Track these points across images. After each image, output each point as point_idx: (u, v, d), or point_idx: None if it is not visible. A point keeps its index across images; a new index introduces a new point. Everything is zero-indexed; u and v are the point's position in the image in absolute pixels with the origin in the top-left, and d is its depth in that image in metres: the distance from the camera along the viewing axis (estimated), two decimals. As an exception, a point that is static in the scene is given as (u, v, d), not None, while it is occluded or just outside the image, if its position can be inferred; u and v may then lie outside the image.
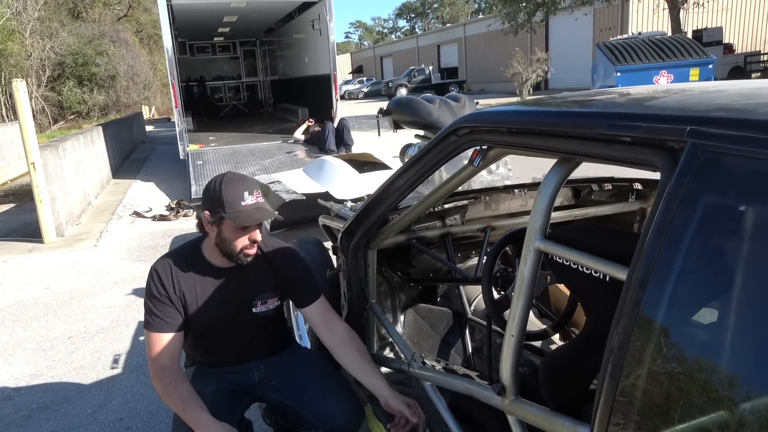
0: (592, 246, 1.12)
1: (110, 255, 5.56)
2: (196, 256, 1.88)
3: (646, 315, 0.79)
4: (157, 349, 1.80)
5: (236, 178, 1.83)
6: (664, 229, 0.81)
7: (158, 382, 1.78)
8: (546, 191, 1.23)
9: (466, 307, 2.66)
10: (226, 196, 1.75)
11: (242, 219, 1.76)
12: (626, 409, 0.80)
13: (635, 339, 0.80)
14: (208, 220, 1.79)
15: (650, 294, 0.79)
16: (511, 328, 1.28)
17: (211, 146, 9.96)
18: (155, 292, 1.80)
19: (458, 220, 2.49)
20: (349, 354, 1.94)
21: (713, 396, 0.74)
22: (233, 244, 1.79)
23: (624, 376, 0.80)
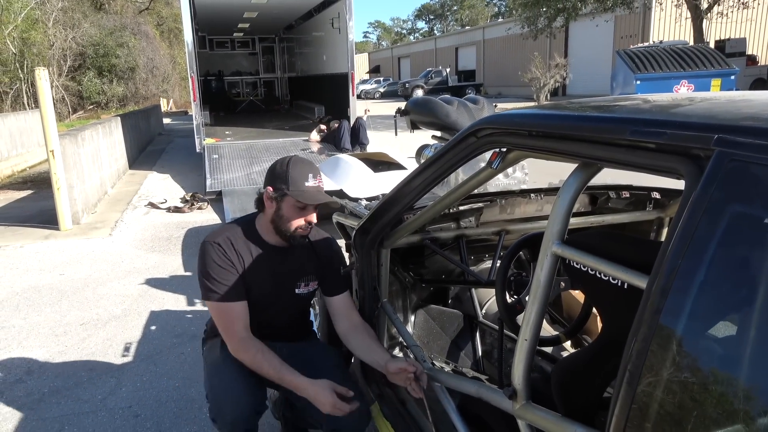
0: (611, 252, 1.12)
1: (124, 244, 5.61)
2: (251, 231, 1.94)
3: (666, 324, 0.78)
4: (230, 320, 1.85)
5: (303, 160, 1.93)
6: (687, 237, 0.80)
7: (244, 354, 1.83)
8: (565, 196, 1.22)
9: (477, 310, 2.66)
10: (292, 174, 1.84)
11: (305, 197, 1.85)
12: (642, 417, 0.79)
13: (654, 347, 0.79)
14: (270, 196, 1.86)
15: (671, 303, 0.78)
16: (525, 332, 1.28)
17: (227, 140, 10.03)
18: (219, 261, 1.84)
19: (473, 223, 2.48)
20: (360, 337, 2.01)
21: (731, 409, 0.73)
22: (290, 222, 1.87)
23: (641, 384, 0.79)
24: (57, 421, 2.66)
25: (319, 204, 1.90)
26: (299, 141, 9.78)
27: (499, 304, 1.70)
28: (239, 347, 1.84)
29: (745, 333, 0.74)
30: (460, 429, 1.73)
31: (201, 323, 3.65)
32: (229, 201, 6.85)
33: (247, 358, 1.82)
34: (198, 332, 3.52)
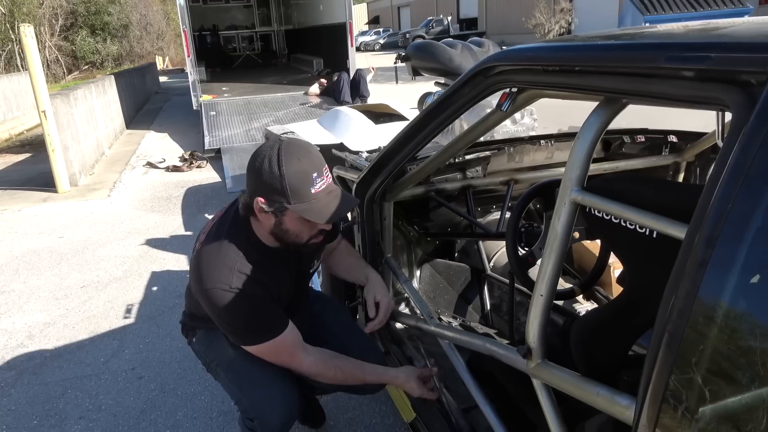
0: (638, 198, 1.00)
1: (124, 205, 5.52)
2: (253, 246, 1.52)
3: (715, 278, 0.67)
4: (292, 350, 1.57)
5: (297, 151, 1.38)
6: (739, 177, 0.68)
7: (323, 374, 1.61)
8: (586, 137, 1.10)
9: (485, 263, 2.57)
10: (291, 182, 1.35)
11: (316, 214, 1.39)
12: (686, 382, 0.69)
13: (700, 305, 0.68)
14: (263, 209, 1.40)
15: (720, 254, 0.67)
16: (540, 287, 1.18)
17: (224, 97, 9.80)
18: (253, 302, 1.47)
19: (480, 173, 2.36)
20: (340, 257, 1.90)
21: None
22: (299, 236, 1.48)
23: (685, 346, 0.69)
24: (60, 385, 2.62)
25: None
26: (298, 95, 9.54)
27: (510, 257, 1.60)
28: (309, 370, 1.60)
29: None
30: (470, 387, 1.66)
31: (203, 283, 3.59)
32: (229, 158, 6.72)
33: (322, 375, 1.61)
34: (200, 292, 3.46)
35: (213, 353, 1.74)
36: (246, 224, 1.52)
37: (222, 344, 1.68)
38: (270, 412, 1.63)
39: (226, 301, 1.44)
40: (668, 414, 0.72)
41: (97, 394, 2.54)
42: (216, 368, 1.74)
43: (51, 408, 2.46)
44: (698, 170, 2.49)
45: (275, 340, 1.51)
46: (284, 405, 1.64)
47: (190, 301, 1.77)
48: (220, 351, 1.71)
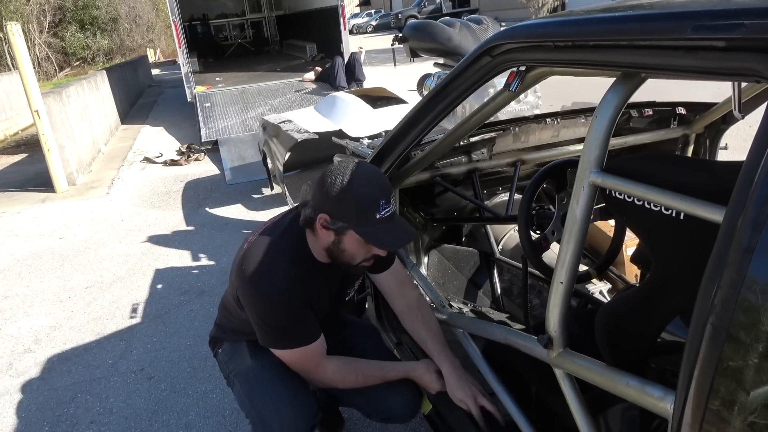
0: (664, 178, 0.95)
1: (123, 202, 5.47)
2: (303, 254, 1.54)
3: (764, 264, 0.62)
4: (317, 360, 1.57)
5: (370, 176, 1.40)
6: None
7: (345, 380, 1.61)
8: (604, 115, 1.04)
9: (493, 246, 2.52)
10: (359, 204, 1.37)
11: (380, 241, 1.41)
12: (735, 378, 0.65)
13: (746, 295, 0.63)
14: (327, 226, 1.42)
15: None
16: (560, 274, 1.13)
17: (218, 87, 9.68)
18: (293, 302, 1.48)
19: (485, 155, 2.31)
20: (414, 322, 1.75)
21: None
22: (353, 257, 1.48)
23: (731, 339, 0.64)
24: (69, 389, 2.60)
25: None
26: (293, 82, 9.43)
27: (523, 241, 1.55)
28: (331, 380, 1.60)
29: None
30: (487, 376, 1.62)
31: (208, 278, 3.56)
32: (227, 150, 6.65)
33: (344, 381, 1.61)
34: (205, 288, 3.43)
35: (233, 364, 1.72)
36: (301, 235, 1.53)
37: (244, 356, 1.69)
38: (278, 428, 1.58)
39: (269, 298, 1.46)
40: (715, 410, 0.68)
41: (107, 396, 2.51)
42: (233, 379, 1.72)
43: (62, 413, 2.44)
44: (708, 142, 2.43)
45: (306, 347, 1.51)
46: (294, 424, 1.59)
47: (222, 314, 1.79)
48: (240, 362, 1.70)
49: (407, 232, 1.50)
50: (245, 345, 1.71)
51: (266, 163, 4.95)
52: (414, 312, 1.75)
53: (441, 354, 1.66)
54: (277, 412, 1.58)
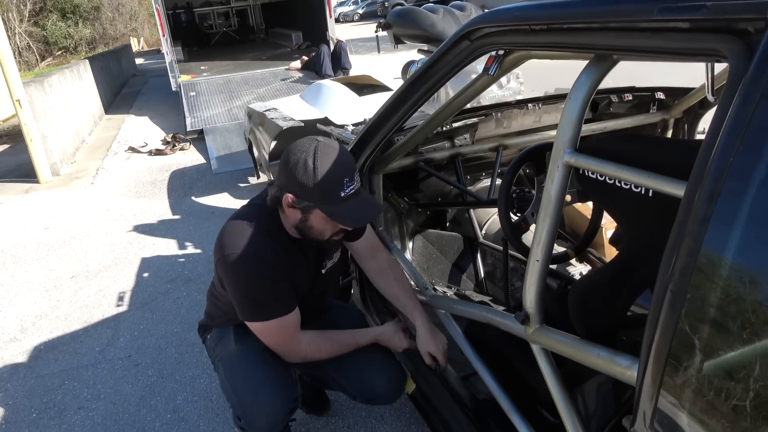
0: (632, 157, 0.98)
1: (108, 192, 5.44)
2: (278, 230, 1.56)
3: (718, 234, 0.65)
4: (291, 333, 1.59)
5: (332, 154, 1.40)
6: (739, 130, 0.66)
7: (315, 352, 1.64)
8: (577, 96, 1.07)
9: (477, 231, 2.56)
10: (322, 182, 1.38)
11: (345, 218, 1.44)
12: (689, 342, 0.68)
13: (703, 262, 0.67)
14: (292, 205, 1.45)
15: (722, 209, 0.66)
16: (536, 252, 1.16)
17: (203, 76, 9.60)
18: (271, 273, 1.49)
19: (468, 140, 2.34)
20: (386, 282, 1.81)
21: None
22: (322, 234, 1.51)
23: (688, 305, 0.68)
24: (56, 376, 2.60)
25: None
26: (279, 71, 9.37)
27: (503, 223, 1.59)
28: (306, 351, 1.63)
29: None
30: (468, 355, 1.66)
31: (194, 266, 3.57)
32: (212, 139, 6.62)
33: (319, 350, 1.64)
34: (192, 275, 3.44)
35: (219, 349, 1.76)
36: (273, 211, 1.56)
37: (229, 341, 1.73)
38: (256, 413, 1.62)
39: (245, 267, 1.47)
40: (673, 373, 0.72)
41: (95, 383, 2.53)
42: (218, 363, 1.75)
43: (49, 400, 2.45)
44: (686, 126, 2.47)
45: (282, 319, 1.53)
46: (271, 408, 1.62)
47: (211, 301, 1.82)
48: (225, 347, 1.73)
49: (373, 208, 1.55)
50: (232, 331, 1.74)
51: (252, 151, 4.94)
52: (386, 272, 1.81)
53: (414, 309, 1.72)
54: (256, 396, 1.62)
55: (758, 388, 0.64)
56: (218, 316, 1.78)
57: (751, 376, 0.64)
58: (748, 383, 0.65)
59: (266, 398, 1.62)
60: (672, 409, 0.71)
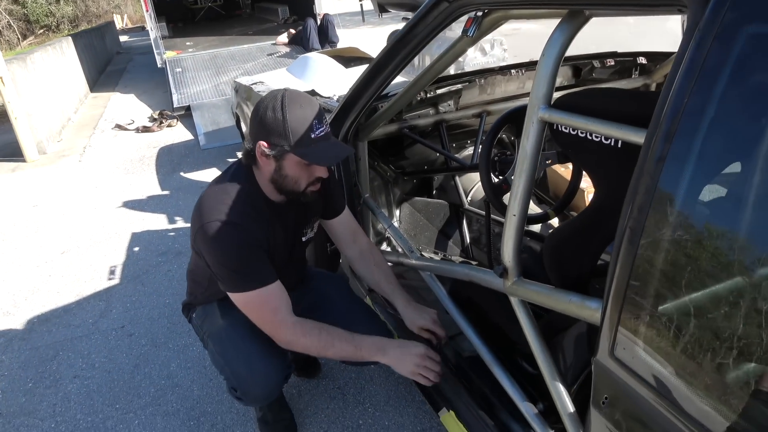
0: (602, 110, 1.01)
1: (96, 170, 5.41)
2: (255, 193, 1.55)
3: (672, 172, 0.69)
4: (276, 305, 1.52)
5: (299, 99, 1.44)
6: (694, 72, 0.69)
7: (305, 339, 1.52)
8: (550, 53, 1.10)
9: (462, 197, 2.60)
10: (292, 125, 1.40)
11: (317, 157, 1.45)
12: (645, 276, 0.73)
13: (658, 200, 0.71)
14: (265, 153, 1.45)
15: (677, 148, 0.69)
16: (513, 207, 1.20)
17: (189, 52, 9.46)
18: (248, 241, 1.48)
19: (452, 107, 2.36)
20: (367, 268, 1.82)
21: (744, 261, 0.66)
22: (297, 182, 1.51)
23: (644, 240, 0.72)
24: (51, 347, 2.64)
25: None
26: (265, 46, 9.25)
27: (484, 184, 1.62)
28: (295, 333, 1.52)
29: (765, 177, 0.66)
30: (453, 314, 1.72)
31: (185, 240, 3.59)
32: (199, 115, 6.57)
33: (312, 344, 1.53)
34: (182, 249, 3.46)
35: (207, 326, 1.77)
36: (249, 176, 1.56)
37: (215, 317, 1.73)
38: (252, 383, 1.65)
39: (222, 234, 1.45)
40: (631, 310, 0.76)
41: (89, 353, 2.57)
42: (207, 340, 1.76)
43: (44, 370, 2.49)
44: (668, 91, 2.51)
45: (263, 290, 1.50)
46: (266, 377, 1.66)
47: (191, 279, 1.83)
48: (212, 323, 1.74)
49: (343, 148, 1.57)
50: (216, 306, 1.75)
51: (240, 126, 4.92)
52: (366, 257, 1.82)
53: (394, 291, 1.75)
54: (250, 367, 1.64)
55: (709, 321, 0.68)
56: (200, 293, 1.79)
57: (709, 314, 0.69)
58: (700, 316, 0.70)
59: (260, 368, 1.64)
60: (630, 338, 0.76)
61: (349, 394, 2.18)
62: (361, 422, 2.06)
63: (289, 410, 2.04)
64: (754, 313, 0.63)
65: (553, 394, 1.21)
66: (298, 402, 2.16)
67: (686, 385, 0.70)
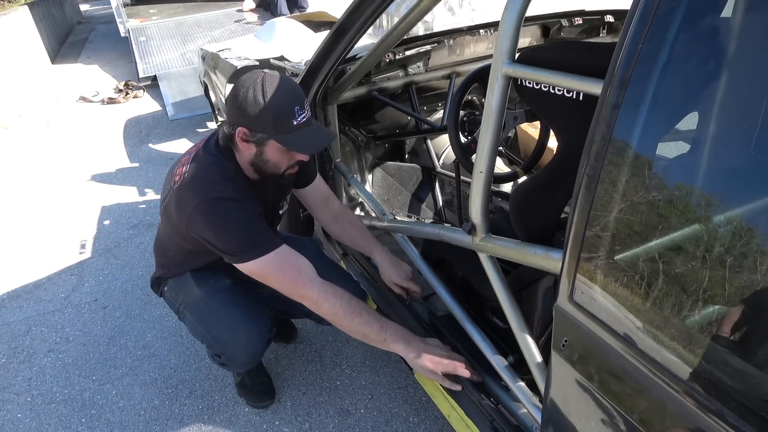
0: (564, 62, 1.02)
1: (60, 143, 5.26)
2: (237, 173, 1.53)
3: (627, 119, 0.71)
4: (298, 264, 1.46)
5: (280, 84, 1.38)
6: (647, 18, 0.70)
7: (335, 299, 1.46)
8: (513, 7, 1.09)
9: (434, 160, 2.61)
10: (273, 112, 1.37)
11: (299, 146, 1.42)
12: (602, 222, 0.75)
13: (614, 145, 0.72)
14: (246, 139, 1.43)
15: (631, 95, 0.71)
16: (480, 163, 1.22)
17: (153, 20, 9.15)
18: (251, 211, 1.45)
19: (421, 68, 2.35)
20: (341, 228, 1.84)
21: (696, 207, 0.69)
22: (277, 166, 1.50)
23: (601, 185, 0.74)
24: (23, 323, 2.61)
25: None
26: (232, 12, 9.00)
27: (452, 144, 1.63)
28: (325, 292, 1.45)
29: (723, 116, 0.67)
30: (425, 274, 1.74)
31: (156, 212, 3.54)
32: (167, 85, 6.40)
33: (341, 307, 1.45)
34: (154, 221, 3.42)
35: (181, 297, 1.75)
36: (228, 154, 1.53)
37: (190, 287, 1.72)
38: (237, 348, 1.66)
39: (225, 209, 1.42)
40: (588, 255, 0.79)
41: (63, 327, 2.55)
42: (184, 311, 1.75)
43: (17, 345, 2.46)
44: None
45: (280, 250, 1.45)
46: (249, 341, 1.67)
47: (160, 253, 1.79)
48: (188, 294, 1.73)
49: (326, 135, 1.52)
50: (189, 276, 1.73)
51: (209, 95, 4.82)
52: (340, 218, 1.84)
53: (372, 246, 1.78)
54: (233, 332, 1.65)
55: (662, 265, 0.70)
56: (174, 265, 1.76)
57: (665, 261, 0.71)
58: (654, 260, 0.72)
59: (243, 333, 1.66)
60: (588, 283, 0.79)
61: (326, 357, 2.21)
62: (339, 383, 2.09)
63: (267, 374, 2.06)
64: (703, 257, 0.66)
65: (521, 345, 1.25)
66: (276, 366, 2.18)
67: (641, 324, 0.73)
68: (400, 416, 1.94)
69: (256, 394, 2.01)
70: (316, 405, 2.01)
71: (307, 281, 1.46)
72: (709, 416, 0.65)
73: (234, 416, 2.00)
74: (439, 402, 1.62)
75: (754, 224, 0.63)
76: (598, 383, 0.82)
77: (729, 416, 0.63)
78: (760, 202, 0.63)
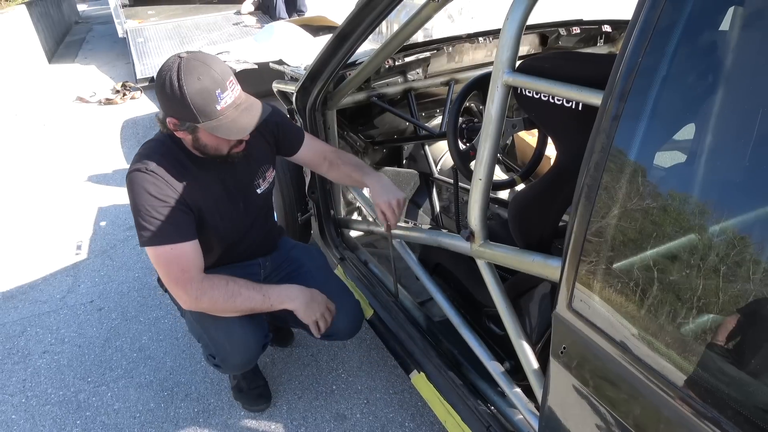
0: (564, 73, 1.04)
1: (57, 144, 5.25)
2: (181, 150, 1.52)
3: (627, 130, 0.72)
4: (184, 267, 1.47)
5: (196, 69, 1.33)
6: (647, 32, 0.72)
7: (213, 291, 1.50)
8: (514, 17, 1.11)
9: (432, 166, 2.62)
10: (194, 102, 1.33)
11: (227, 131, 1.38)
12: (601, 231, 0.76)
13: (613, 156, 0.73)
14: (177, 127, 1.42)
15: (631, 106, 0.72)
16: (479, 171, 1.23)
17: (151, 21, 9.14)
18: (157, 193, 1.42)
19: (420, 75, 2.36)
20: (337, 170, 1.81)
21: (694, 216, 0.70)
22: (218, 148, 1.48)
23: (601, 194, 0.75)
24: (18, 324, 2.60)
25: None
26: (230, 14, 9.02)
27: (451, 150, 1.64)
28: (202, 288, 1.49)
29: (722, 127, 0.69)
30: (422, 279, 1.75)
31: (153, 214, 3.53)
32: (164, 87, 6.40)
33: (220, 295, 1.50)
34: (151, 223, 3.41)
35: None
36: (173, 136, 1.53)
37: None
38: (231, 351, 1.66)
39: (139, 182, 1.43)
40: (587, 264, 0.80)
41: (58, 328, 2.54)
42: (186, 314, 1.75)
43: (12, 346, 2.45)
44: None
45: (174, 246, 1.45)
46: (245, 345, 1.67)
47: None
48: None
49: (255, 112, 1.44)
50: None
51: (206, 97, 4.83)
52: (335, 163, 1.81)
53: (366, 174, 1.74)
54: (228, 335, 1.64)
55: (661, 274, 0.72)
56: None
57: (666, 270, 0.72)
58: (653, 269, 0.73)
59: (239, 336, 1.65)
60: (587, 291, 0.80)
61: (322, 361, 2.21)
62: (335, 387, 2.10)
63: (263, 377, 2.07)
64: (700, 267, 0.67)
65: (518, 352, 1.26)
66: (272, 370, 2.18)
67: (638, 332, 0.74)
68: (396, 421, 1.94)
69: (251, 397, 2.01)
70: (312, 409, 2.02)
71: (186, 281, 1.48)
72: (705, 423, 0.66)
73: (229, 420, 2.00)
74: (436, 407, 1.62)
75: (749, 233, 0.64)
76: (596, 390, 0.83)
77: (724, 423, 0.64)
78: (755, 213, 0.65)
